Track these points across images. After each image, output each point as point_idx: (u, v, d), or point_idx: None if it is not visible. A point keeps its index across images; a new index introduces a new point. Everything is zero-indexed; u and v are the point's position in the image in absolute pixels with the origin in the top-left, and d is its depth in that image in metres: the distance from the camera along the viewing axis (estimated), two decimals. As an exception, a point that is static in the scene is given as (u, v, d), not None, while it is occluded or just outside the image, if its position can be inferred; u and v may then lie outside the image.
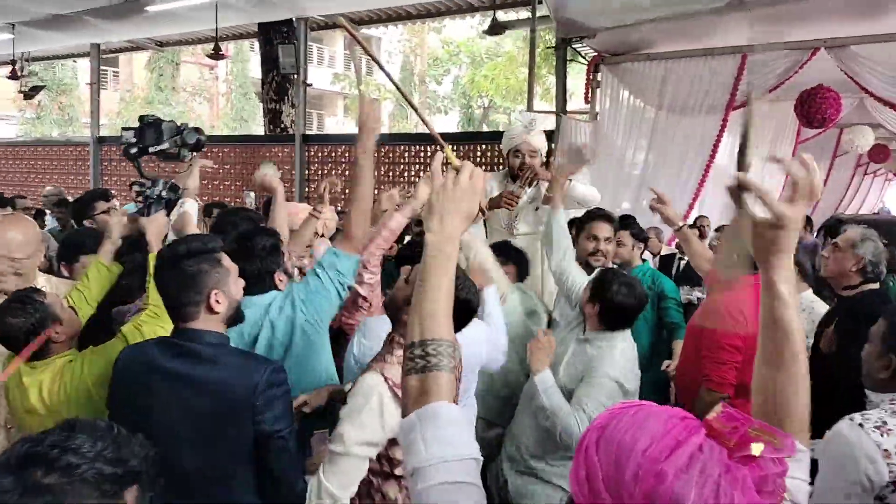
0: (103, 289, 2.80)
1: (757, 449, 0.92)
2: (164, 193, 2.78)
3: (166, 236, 2.79)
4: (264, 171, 3.49)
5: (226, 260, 2.06)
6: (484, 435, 3.15)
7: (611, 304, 2.76)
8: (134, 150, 2.75)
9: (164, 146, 2.75)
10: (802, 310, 3.60)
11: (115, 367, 2.03)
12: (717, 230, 6.74)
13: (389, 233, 2.94)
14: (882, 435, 1.81)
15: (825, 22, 5.74)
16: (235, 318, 2.07)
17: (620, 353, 2.76)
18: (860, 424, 1.84)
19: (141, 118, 2.80)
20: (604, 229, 3.55)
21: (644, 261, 4.36)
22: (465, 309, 2.13)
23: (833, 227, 5.67)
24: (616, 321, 2.80)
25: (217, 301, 1.98)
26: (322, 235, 3.68)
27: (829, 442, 1.89)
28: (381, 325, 2.43)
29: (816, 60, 5.89)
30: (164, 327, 2.28)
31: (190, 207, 3.15)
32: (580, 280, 3.24)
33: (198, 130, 2.85)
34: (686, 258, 6.37)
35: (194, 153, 3.36)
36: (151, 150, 2.75)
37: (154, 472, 1.22)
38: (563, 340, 2.99)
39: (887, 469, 1.78)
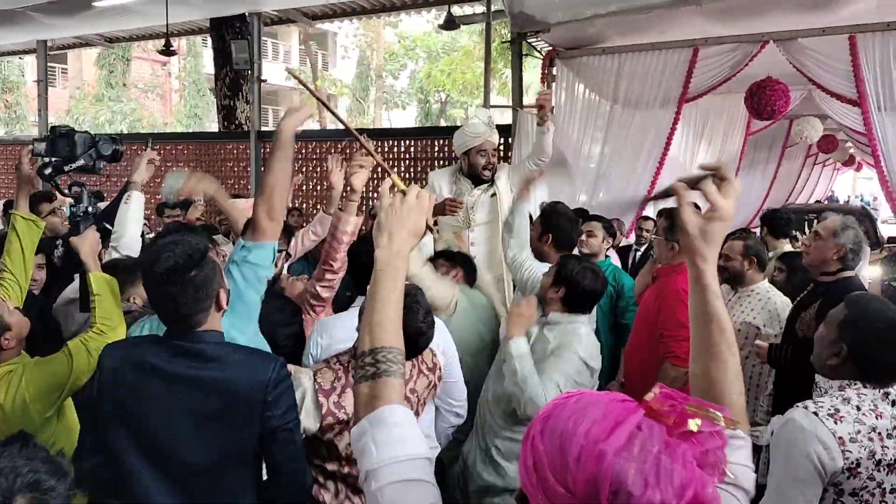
0: (33, 244, 2.72)
1: (694, 424, 0.94)
2: (90, 209, 2.71)
3: (101, 253, 2.73)
4: (171, 184, 3.46)
5: (212, 252, 2.05)
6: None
7: (575, 287, 2.82)
8: (49, 171, 2.67)
9: (80, 162, 2.67)
10: (759, 300, 3.67)
11: (101, 368, 1.96)
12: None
13: (346, 235, 2.99)
14: (836, 422, 1.86)
15: (774, 15, 5.84)
16: None
17: (586, 335, 2.83)
18: (814, 413, 1.89)
19: (52, 129, 2.72)
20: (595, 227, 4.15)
21: (608, 256, 4.41)
22: (416, 335, 2.20)
23: (770, 218, 5.86)
24: (579, 304, 2.86)
25: (223, 297, 1.99)
26: None
27: (783, 429, 1.93)
28: (336, 325, 2.42)
29: (765, 53, 6.00)
30: (115, 339, 2.25)
31: (136, 200, 3.10)
32: (538, 268, 3.28)
33: (114, 140, 2.77)
34: (641, 249, 6.47)
35: (147, 148, 3.32)
36: (67, 168, 2.67)
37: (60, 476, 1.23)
38: None
39: (842, 455, 1.83)
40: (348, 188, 3.11)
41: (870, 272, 5.17)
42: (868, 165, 13.63)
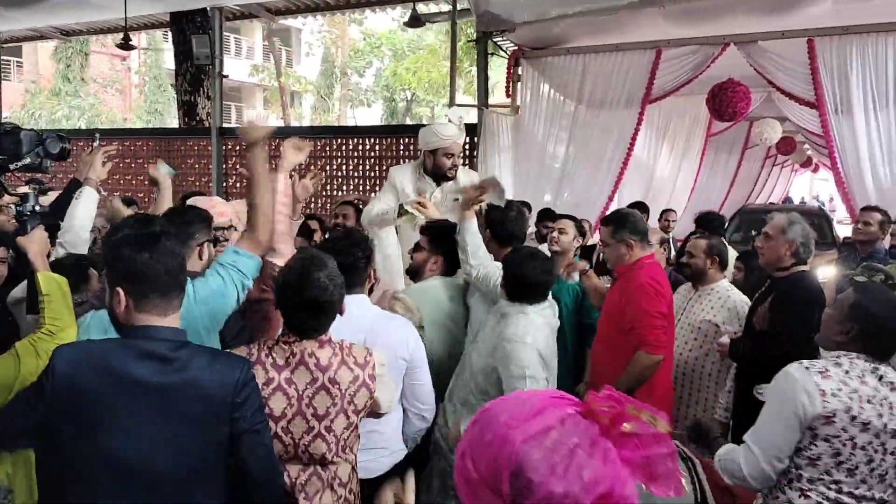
0: None
1: (628, 426, 0.95)
2: (37, 207, 2.63)
3: (50, 253, 2.65)
4: (160, 168, 3.35)
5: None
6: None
7: (517, 276, 2.81)
8: None
9: (26, 161, 2.59)
10: (719, 298, 3.71)
11: (55, 371, 1.78)
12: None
13: (285, 197, 2.92)
14: (823, 378, 2.15)
15: (734, 18, 5.93)
16: None
17: (530, 322, 2.78)
18: (807, 367, 2.19)
19: None
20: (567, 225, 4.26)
21: (576, 255, 4.42)
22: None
23: (703, 219, 6.05)
24: (523, 294, 2.82)
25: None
26: (235, 228, 3.54)
27: (779, 378, 2.24)
28: None
29: (726, 56, 6.09)
30: (65, 340, 2.18)
31: (87, 196, 3.01)
32: (494, 270, 3.25)
33: (61, 138, 2.70)
34: None
35: (94, 144, 3.22)
36: (12, 167, 2.59)
37: None
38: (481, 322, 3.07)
39: (822, 404, 2.11)
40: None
41: (824, 272, 5.26)
42: (825, 167, 13.94)
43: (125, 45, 8.86)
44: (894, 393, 2.16)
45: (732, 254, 4.93)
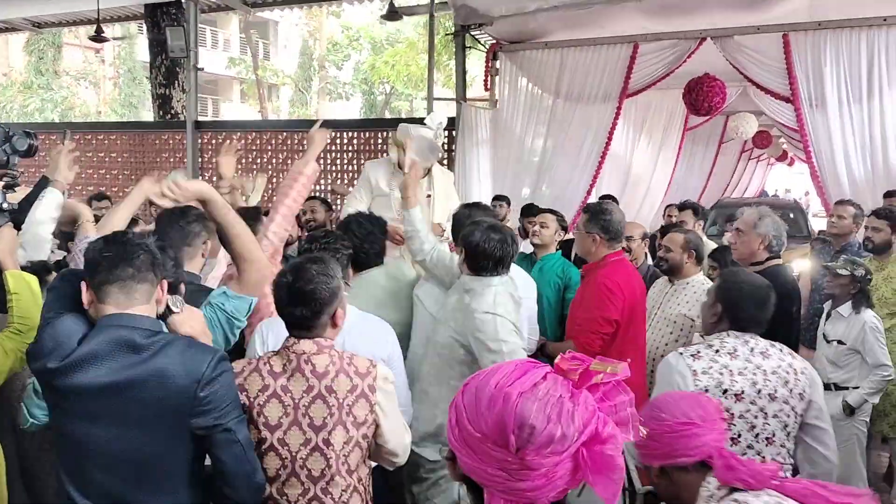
0: None
1: (597, 378, 1.09)
2: (4, 204, 2.58)
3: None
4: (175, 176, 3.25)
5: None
6: None
7: (480, 249, 2.78)
8: None
9: None
10: (694, 292, 3.73)
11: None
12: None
13: (305, 178, 2.95)
14: (694, 360, 2.39)
15: (711, 12, 5.97)
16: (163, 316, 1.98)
17: (497, 294, 2.77)
18: (681, 353, 2.43)
19: None
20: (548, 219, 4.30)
21: (559, 249, 4.43)
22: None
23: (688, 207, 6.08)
24: (487, 266, 2.80)
25: (160, 297, 1.92)
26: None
27: (660, 366, 2.51)
28: (281, 324, 2.34)
29: (703, 50, 6.12)
30: (28, 343, 2.15)
31: (50, 198, 2.96)
32: (446, 248, 3.31)
33: (29, 135, 2.66)
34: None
35: (66, 140, 3.17)
36: None
37: None
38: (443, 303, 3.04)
39: (693, 383, 2.33)
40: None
41: (799, 265, 5.33)
42: (800, 160, 14.10)
43: (98, 36, 8.74)
44: (767, 360, 2.39)
45: (710, 246, 4.98)
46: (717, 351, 2.40)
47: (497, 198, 6.32)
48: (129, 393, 1.77)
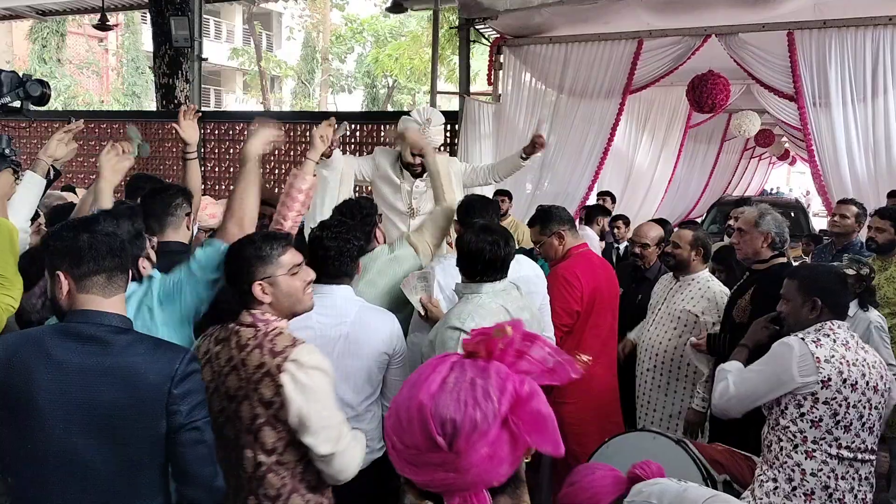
0: None
1: (500, 343, 1.13)
2: (7, 150, 2.57)
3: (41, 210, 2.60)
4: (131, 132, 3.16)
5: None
6: None
7: (472, 251, 2.62)
8: None
9: (6, 99, 2.54)
10: (699, 288, 3.73)
11: None
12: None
13: (300, 193, 2.91)
14: (817, 346, 2.44)
15: (716, 10, 5.95)
16: None
17: (478, 306, 2.58)
18: (802, 338, 2.47)
19: None
20: None
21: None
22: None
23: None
24: (479, 270, 2.63)
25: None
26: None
27: (779, 345, 2.51)
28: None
29: (707, 47, 6.11)
30: (12, 295, 2.14)
31: (30, 181, 2.78)
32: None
33: (42, 83, 2.64)
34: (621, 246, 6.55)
35: (74, 119, 3.12)
36: None
37: None
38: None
39: (817, 371, 2.39)
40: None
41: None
42: (802, 160, 14.07)
43: (102, 25, 8.73)
44: (867, 354, 2.51)
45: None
46: (833, 340, 2.47)
47: (499, 192, 6.32)
48: (95, 381, 1.72)
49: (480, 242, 2.60)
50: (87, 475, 1.73)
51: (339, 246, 2.58)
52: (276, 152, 8.20)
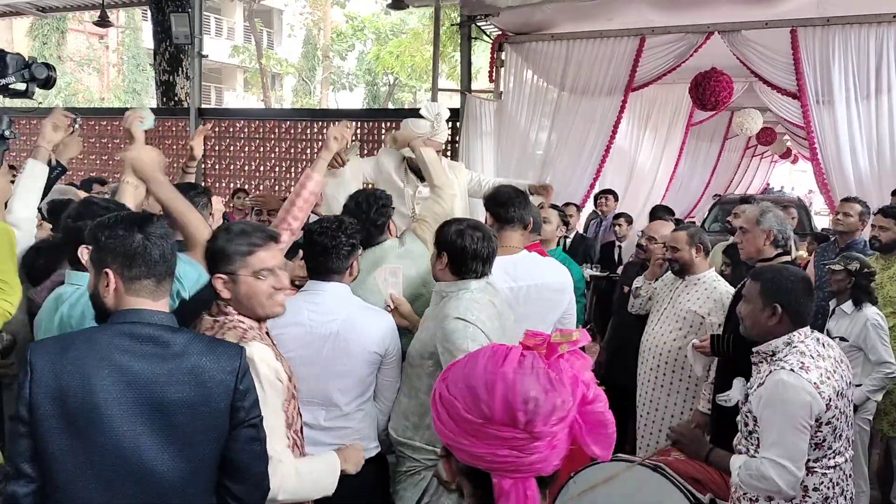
0: None
1: (563, 348, 1.15)
2: (6, 132, 2.54)
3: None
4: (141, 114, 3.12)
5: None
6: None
7: (458, 247, 2.57)
8: None
9: (10, 80, 2.50)
10: (705, 289, 3.70)
11: (34, 374, 1.63)
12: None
13: (310, 194, 2.90)
14: (807, 372, 2.32)
15: (718, 7, 5.93)
16: None
17: (472, 300, 2.54)
18: (791, 370, 2.32)
19: None
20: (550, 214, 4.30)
21: (558, 245, 4.41)
22: None
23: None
24: (465, 266, 2.58)
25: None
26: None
27: (775, 390, 2.33)
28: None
29: (709, 45, 6.08)
30: (10, 300, 2.09)
31: (32, 170, 2.75)
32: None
33: (48, 66, 2.61)
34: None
35: (75, 127, 3.10)
36: None
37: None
38: None
39: (821, 397, 2.29)
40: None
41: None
42: (804, 158, 14.05)
43: (102, 21, 8.71)
44: (833, 350, 2.50)
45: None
46: (812, 357, 2.37)
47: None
48: (162, 383, 1.69)
49: (468, 240, 2.56)
50: (150, 478, 1.67)
51: (329, 242, 2.51)
52: (276, 150, 8.18)
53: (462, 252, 2.56)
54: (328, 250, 2.52)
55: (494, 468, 1.11)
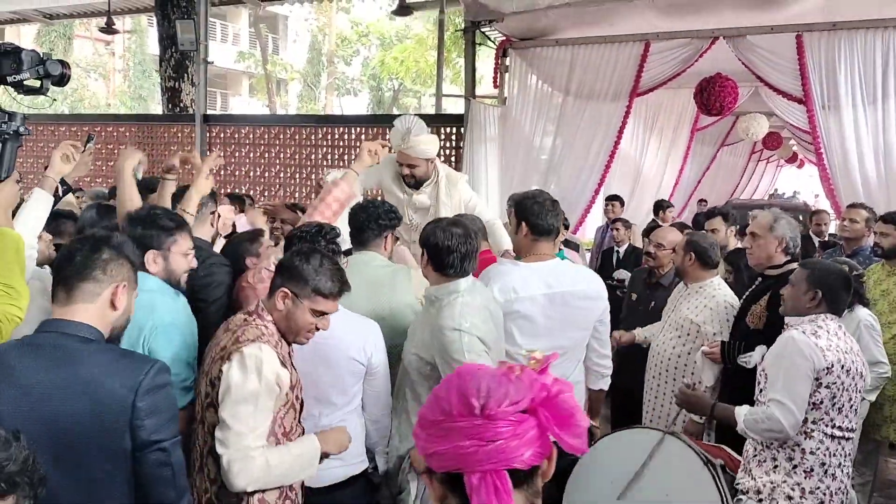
0: None
1: (532, 364, 1.19)
2: (21, 129, 2.52)
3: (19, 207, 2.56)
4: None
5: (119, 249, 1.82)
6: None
7: (440, 246, 2.54)
8: None
9: (24, 76, 2.49)
10: (704, 298, 3.66)
11: None
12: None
13: (333, 199, 2.97)
14: (817, 338, 2.62)
15: (724, 12, 5.91)
16: (116, 338, 1.81)
17: (465, 305, 2.51)
18: (803, 332, 2.63)
19: None
20: None
21: (561, 250, 4.38)
22: None
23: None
24: (447, 261, 2.54)
25: (119, 295, 1.76)
26: (221, 236, 3.47)
27: (785, 346, 2.65)
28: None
29: (714, 49, 6.07)
30: (18, 305, 2.08)
31: (38, 200, 2.73)
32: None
33: (63, 63, 2.60)
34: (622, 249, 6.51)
35: (89, 145, 3.11)
36: (9, 79, 2.47)
37: (36, 477, 1.17)
38: None
39: (824, 358, 2.57)
40: None
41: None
42: (810, 163, 14.00)
43: (108, 28, 8.74)
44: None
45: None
46: (827, 332, 2.65)
47: (514, 195, 6.29)
48: (53, 394, 1.61)
49: (449, 238, 2.53)
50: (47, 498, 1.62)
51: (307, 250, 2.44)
52: (281, 155, 8.19)
53: (436, 248, 2.55)
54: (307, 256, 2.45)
55: (463, 465, 1.11)
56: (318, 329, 2.19)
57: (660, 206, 7.60)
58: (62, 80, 2.59)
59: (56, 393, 1.62)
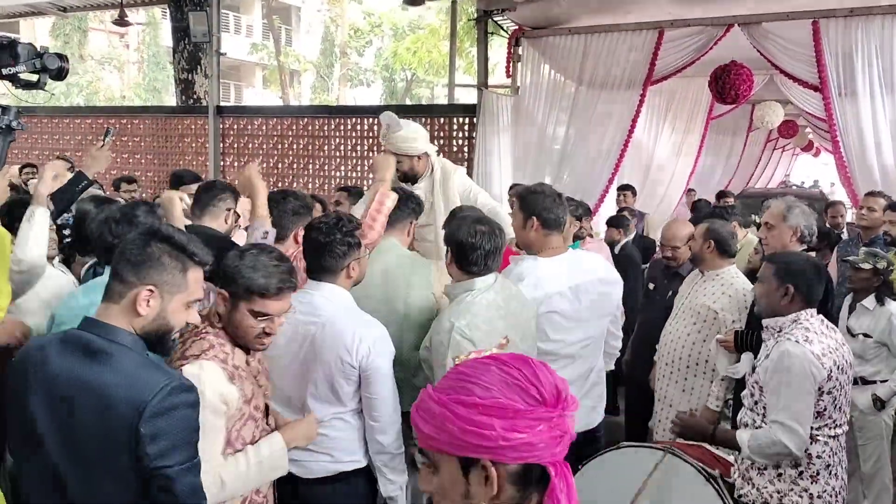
0: None
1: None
2: (13, 123, 2.51)
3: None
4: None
5: (193, 275, 1.71)
6: None
7: (460, 242, 2.52)
8: None
9: (20, 69, 2.48)
10: (722, 284, 3.64)
11: (9, 366, 1.65)
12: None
13: (384, 207, 2.99)
14: (810, 344, 2.48)
15: (738, -1, 5.85)
16: (157, 343, 1.69)
17: (471, 304, 2.47)
18: (796, 341, 2.49)
19: None
20: None
21: (576, 240, 4.36)
22: None
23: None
24: (468, 261, 2.52)
25: (141, 297, 1.63)
26: (239, 226, 3.46)
27: (781, 360, 2.49)
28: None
29: (729, 37, 6.00)
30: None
31: (40, 218, 2.73)
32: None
33: (61, 56, 2.59)
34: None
35: (107, 139, 3.16)
36: (5, 72, 2.46)
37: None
38: None
39: (822, 367, 2.46)
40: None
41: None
42: (826, 151, 13.86)
43: (121, 20, 8.77)
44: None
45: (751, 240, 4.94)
46: (815, 333, 2.54)
47: (515, 186, 6.27)
48: (75, 399, 1.55)
49: (470, 234, 2.50)
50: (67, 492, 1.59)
51: (322, 239, 2.41)
52: (294, 147, 8.21)
53: (461, 245, 2.52)
54: (322, 247, 2.42)
55: (534, 454, 1.08)
56: (266, 333, 2.02)
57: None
58: (60, 74, 2.58)
59: (77, 396, 1.56)
